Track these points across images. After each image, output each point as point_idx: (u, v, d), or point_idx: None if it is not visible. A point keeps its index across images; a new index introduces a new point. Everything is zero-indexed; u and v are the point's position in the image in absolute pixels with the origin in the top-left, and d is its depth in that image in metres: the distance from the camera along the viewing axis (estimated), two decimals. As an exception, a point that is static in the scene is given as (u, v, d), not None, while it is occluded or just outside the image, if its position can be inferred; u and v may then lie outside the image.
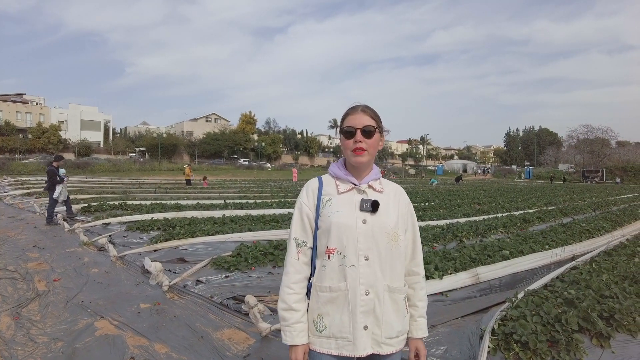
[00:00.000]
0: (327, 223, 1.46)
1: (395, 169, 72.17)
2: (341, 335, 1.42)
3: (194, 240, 6.77)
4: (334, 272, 1.44)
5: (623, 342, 3.16)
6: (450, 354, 3.07)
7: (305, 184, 1.58)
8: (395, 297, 1.49)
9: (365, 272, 1.43)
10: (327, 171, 1.63)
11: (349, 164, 1.54)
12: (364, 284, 1.42)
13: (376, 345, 1.44)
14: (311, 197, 1.53)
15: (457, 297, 4.37)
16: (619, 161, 63.53)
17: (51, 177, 9.70)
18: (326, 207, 1.49)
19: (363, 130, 1.47)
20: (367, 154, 1.48)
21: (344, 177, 1.53)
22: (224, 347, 3.20)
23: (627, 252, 5.99)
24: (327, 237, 1.46)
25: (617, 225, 9.49)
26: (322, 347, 1.45)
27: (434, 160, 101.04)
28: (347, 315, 1.42)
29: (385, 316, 1.45)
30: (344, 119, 1.52)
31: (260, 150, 69.65)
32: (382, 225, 1.46)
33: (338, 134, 1.59)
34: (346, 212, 1.46)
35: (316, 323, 1.46)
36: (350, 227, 1.44)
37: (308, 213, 1.51)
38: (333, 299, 1.44)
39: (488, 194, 21.65)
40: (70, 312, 3.89)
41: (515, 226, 9.29)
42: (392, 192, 1.57)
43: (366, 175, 1.54)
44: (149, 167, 48.01)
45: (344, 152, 1.52)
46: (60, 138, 53.66)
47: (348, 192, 1.51)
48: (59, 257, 6.11)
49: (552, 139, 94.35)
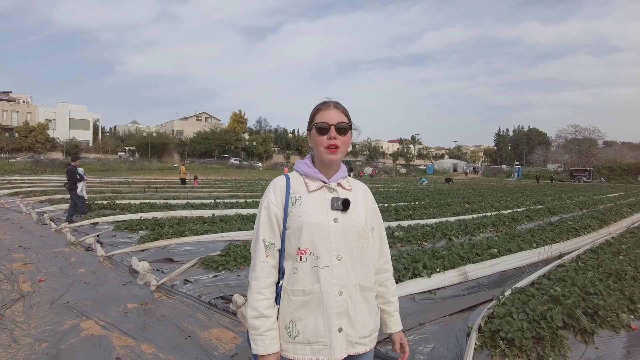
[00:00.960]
0: (297, 223, 1.40)
1: (386, 169, 72.46)
2: (316, 340, 1.37)
3: (182, 240, 6.73)
4: (307, 274, 1.38)
5: (606, 337, 3.21)
6: (437, 351, 3.09)
7: (270, 182, 1.52)
8: (368, 295, 1.47)
9: (339, 272, 1.39)
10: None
11: (319, 162, 1.49)
12: (337, 285, 1.38)
13: (350, 346, 1.41)
14: (279, 196, 1.45)
15: (446, 295, 4.40)
16: (606, 161, 64.46)
17: (72, 176, 10.03)
18: (296, 206, 1.42)
19: (337, 127, 1.44)
20: (340, 151, 1.44)
21: (313, 174, 1.47)
22: (211, 347, 3.18)
23: (612, 250, 6.07)
24: (298, 237, 1.39)
25: (603, 224, 9.63)
26: (296, 353, 1.38)
27: (424, 159, 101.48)
28: (321, 318, 1.37)
29: (359, 316, 1.43)
30: (316, 114, 1.47)
31: (252, 150, 69.41)
32: (353, 224, 1.44)
33: (308, 129, 1.53)
34: (317, 211, 1.41)
35: (288, 329, 1.39)
36: (323, 226, 1.39)
37: (276, 212, 1.43)
38: (306, 302, 1.38)
39: (477, 193, 21.83)
40: (56, 312, 3.84)
41: (504, 225, 9.37)
42: (360, 191, 1.55)
43: (335, 173, 1.50)
44: (139, 167, 47.59)
45: (315, 148, 1.47)
46: (48, 137, 52.97)
47: (318, 190, 1.46)
48: (45, 258, 6.03)
49: (541, 138, 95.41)
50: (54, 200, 13.31)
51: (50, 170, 39.42)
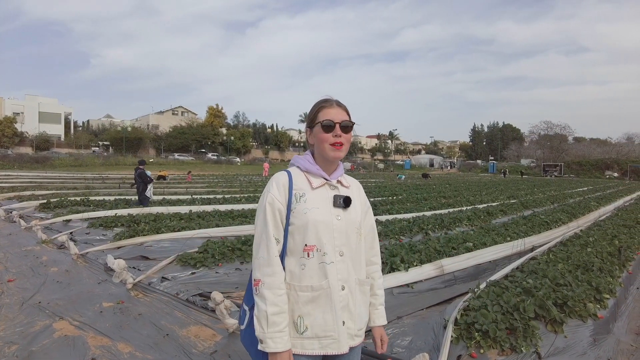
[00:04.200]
0: (302, 220, 1.41)
1: (364, 164, 72.92)
2: (325, 334, 1.40)
3: (159, 237, 6.61)
4: (314, 270, 1.41)
5: (575, 327, 3.34)
6: (415, 344, 3.15)
7: (272, 177, 1.51)
8: (364, 289, 1.53)
9: (341, 267, 1.43)
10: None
11: (321, 158, 1.50)
12: (340, 280, 1.42)
13: (350, 339, 1.45)
14: (282, 192, 1.45)
15: (423, 289, 4.49)
16: (575, 156, 66.74)
17: (143, 178, 11.33)
18: (300, 202, 1.44)
19: (342, 125, 1.46)
20: (344, 149, 1.47)
21: (316, 171, 1.49)
22: (190, 345, 3.16)
23: (581, 243, 6.31)
24: (304, 234, 1.41)
25: (573, 217, 9.99)
26: (304, 348, 1.40)
27: (402, 155, 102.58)
28: (330, 313, 1.40)
29: (357, 309, 1.48)
30: (319, 111, 1.48)
31: (230, 145, 68.61)
32: (352, 221, 1.48)
33: (308, 126, 1.54)
34: (322, 209, 1.44)
35: (296, 325, 1.40)
36: (327, 223, 1.42)
37: (280, 209, 1.43)
38: (315, 298, 1.40)
39: (453, 187, 22.26)
40: (26, 313, 3.72)
41: (479, 219, 9.60)
42: (355, 187, 1.59)
43: (334, 170, 1.53)
44: (113, 162, 46.34)
45: (318, 145, 1.48)
46: (15, 131, 50.95)
47: (321, 187, 1.48)
48: (15, 257, 5.82)
49: (515, 134, 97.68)
50: (23, 197, 12.85)
51: (19, 165, 38.01)
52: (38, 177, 24.64)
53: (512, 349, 2.92)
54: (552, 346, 3.04)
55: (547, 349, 2.99)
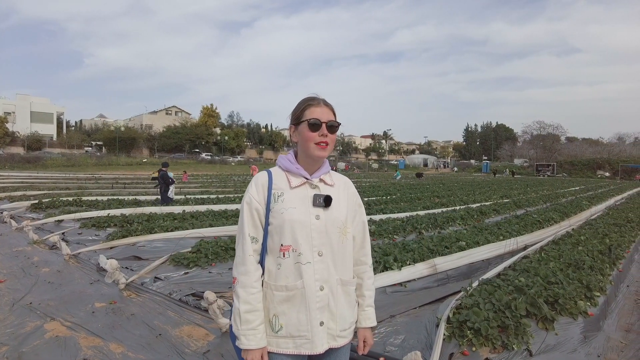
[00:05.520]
0: (279, 220, 1.41)
1: (359, 164, 73.05)
2: (299, 334, 1.40)
3: (152, 237, 6.58)
4: (290, 270, 1.40)
5: (565, 324, 3.37)
6: (408, 342, 3.16)
7: (253, 177, 1.50)
8: (348, 289, 1.50)
9: (320, 267, 1.41)
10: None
11: (303, 157, 1.49)
12: (318, 280, 1.41)
13: (332, 339, 1.45)
14: (261, 192, 1.45)
15: (416, 288, 4.50)
16: (568, 156, 67.33)
17: (166, 180, 11.82)
18: (278, 202, 1.43)
19: (328, 124, 1.45)
20: (329, 148, 1.46)
21: (295, 170, 1.48)
22: (182, 344, 3.15)
23: (572, 241, 6.36)
24: (280, 234, 1.41)
25: (565, 216, 10.07)
26: (278, 347, 1.41)
27: (396, 155, 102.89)
28: (304, 313, 1.40)
29: (339, 310, 1.46)
30: (306, 109, 1.46)
31: (224, 144, 68.39)
32: (334, 220, 1.46)
33: (293, 124, 1.51)
34: (300, 208, 1.42)
35: (272, 323, 1.41)
36: (305, 223, 1.41)
37: (258, 208, 1.44)
38: (289, 297, 1.40)
39: (447, 187, 22.34)
40: (17, 314, 3.69)
41: (472, 218, 9.65)
42: (342, 185, 1.56)
43: (317, 169, 1.51)
44: (106, 162, 46.06)
45: (303, 143, 1.46)
46: (7, 131, 50.47)
47: (300, 186, 1.47)
48: (5, 257, 5.76)
49: (508, 134, 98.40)
50: (14, 198, 12.70)
51: (10, 165, 37.62)
52: (30, 178, 24.40)
53: (504, 347, 2.94)
54: (543, 343, 3.06)
55: (538, 346, 3.01)
